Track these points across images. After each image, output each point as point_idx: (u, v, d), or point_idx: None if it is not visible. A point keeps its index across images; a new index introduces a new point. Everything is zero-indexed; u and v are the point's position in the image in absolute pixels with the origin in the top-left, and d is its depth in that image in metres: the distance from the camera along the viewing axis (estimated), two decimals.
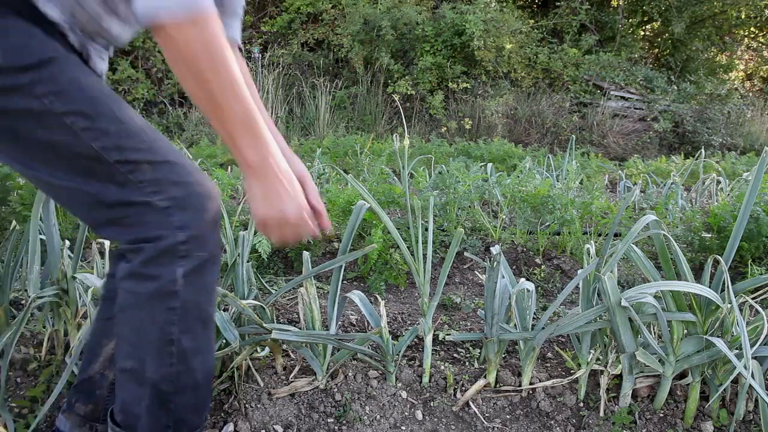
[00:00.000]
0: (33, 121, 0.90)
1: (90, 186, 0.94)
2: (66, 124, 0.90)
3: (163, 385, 1.04)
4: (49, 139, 0.91)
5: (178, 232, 0.95)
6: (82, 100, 0.92)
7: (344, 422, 1.45)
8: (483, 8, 7.97)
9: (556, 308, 1.53)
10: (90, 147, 0.92)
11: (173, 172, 0.97)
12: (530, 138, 7.74)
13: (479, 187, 3.19)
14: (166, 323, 1.01)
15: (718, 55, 11.08)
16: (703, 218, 2.78)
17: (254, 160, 0.96)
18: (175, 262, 0.97)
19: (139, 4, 0.84)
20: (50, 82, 0.90)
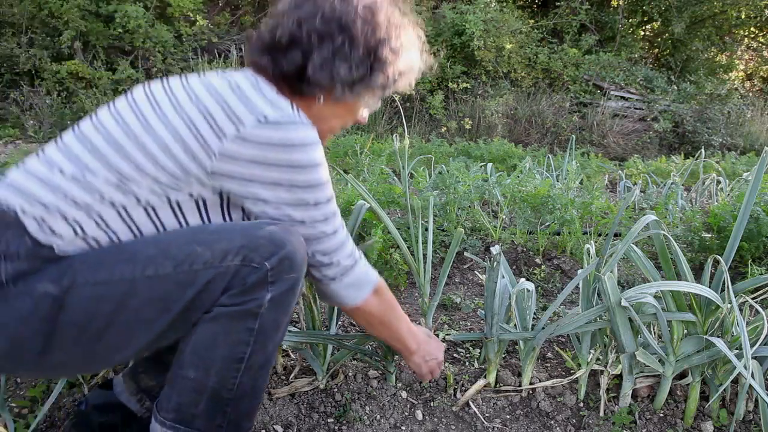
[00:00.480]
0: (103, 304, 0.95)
1: (176, 307, 0.98)
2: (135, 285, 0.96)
3: (223, 392, 1.06)
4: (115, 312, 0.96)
5: (265, 263, 0.99)
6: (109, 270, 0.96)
7: (344, 422, 1.45)
8: (483, 8, 7.97)
9: (556, 308, 1.53)
10: (148, 283, 0.96)
11: (221, 236, 1.00)
12: (530, 138, 7.73)
13: (479, 187, 3.19)
14: (241, 343, 1.03)
15: (718, 55, 11.09)
16: (703, 218, 2.78)
17: (414, 347, 1.35)
18: (263, 288, 1.01)
19: (349, 298, 1.16)
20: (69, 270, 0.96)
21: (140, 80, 7.60)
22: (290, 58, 1.06)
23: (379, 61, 1.10)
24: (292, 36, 1.05)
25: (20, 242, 0.93)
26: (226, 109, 0.98)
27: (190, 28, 8.26)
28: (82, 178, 0.97)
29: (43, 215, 0.95)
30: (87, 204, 0.97)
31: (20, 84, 7.27)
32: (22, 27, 7.51)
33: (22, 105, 7.08)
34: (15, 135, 6.74)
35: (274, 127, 0.98)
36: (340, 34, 1.05)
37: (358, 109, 1.20)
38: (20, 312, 0.91)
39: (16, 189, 0.97)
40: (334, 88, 1.08)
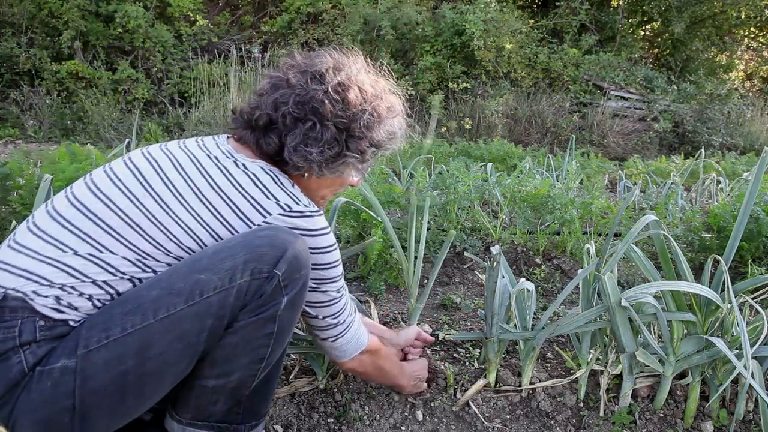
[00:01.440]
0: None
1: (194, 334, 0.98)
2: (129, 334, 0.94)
3: (242, 389, 1.09)
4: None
5: (275, 270, 1.01)
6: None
7: (344, 422, 1.45)
8: (483, 8, 7.97)
9: (556, 308, 1.53)
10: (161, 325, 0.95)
11: (222, 257, 1.00)
12: (530, 138, 7.73)
13: (479, 187, 3.19)
14: (261, 347, 1.06)
15: (718, 55, 11.08)
16: (703, 218, 2.78)
17: (405, 382, 1.50)
18: (279, 294, 1.03)
19: (346, 352, 1.26)
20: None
21: (140, 80, 7.60)
22: (269, 140, 1.12)
23: (353, 138, 1.14)
24: (269, 118, 1.12)
25: (33, 327, 0.92)
26: (251, 202, 1.06)
27: (190, 28, 8.27)
28: (99, 255, 0.99)
29: (59, 295, 0.95)
30: (105, 281, 0.98)
31: (20, 84, 7.27)
32: (22, 27, 7.51)
33: (22, 105, 7.08)
34: (15, 135, 6.74)
35: (298, 216, 1.08)
36: (312, 116, 1.10)
37: (345, 180, 1.25)
38: (43, 395, 0.90)
39: (22, 272, 0.96)
40: (311, 168, 1.13)
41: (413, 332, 1.63)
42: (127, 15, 7.42)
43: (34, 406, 0.89)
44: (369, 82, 1.18)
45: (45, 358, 0.91)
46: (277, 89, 1.13)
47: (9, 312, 0.92)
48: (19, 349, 0.91)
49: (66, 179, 2.26)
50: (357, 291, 2.32)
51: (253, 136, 1.14)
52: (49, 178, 1.52)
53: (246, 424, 1.16)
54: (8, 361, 0.90)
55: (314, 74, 1.13)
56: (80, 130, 6.87)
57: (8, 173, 2.27)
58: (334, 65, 1.15)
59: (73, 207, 1.03)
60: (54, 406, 0.90)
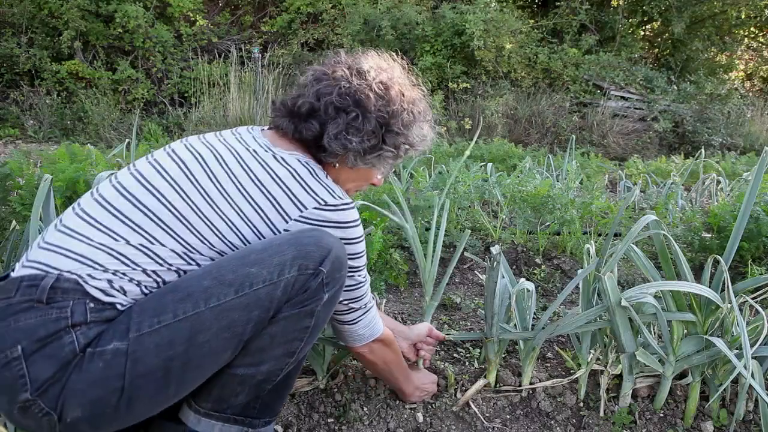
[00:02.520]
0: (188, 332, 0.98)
1: (249, 319, 1.02)
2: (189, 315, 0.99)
3: (266, 383, 1.12)
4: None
5: (320, 267, 1.06)
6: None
7: (344, 422, 1.45)
8: (483, 8, 7.96)
9: (556, 308, 1.53)
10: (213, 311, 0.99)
11: (271, 252, 1.04)
12: (530, 138, 7.73)
13: (479, 187, 3.19)
14: (296, 340, 1.09)
15: (718, 55, 11.07)
16: (703, 218, 2.78)
17: (410, 390, 1.50)
18: (321, 290, 1.08)
19: (365, 337, 1.29)
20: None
21: (140, 80, 7.60)
22: (308, 126, 1.17)
23: (391, 133, 1.20)
24: (312, 107, 1.17)
25: (84, 309, 0.96)
26: (290, 196, 1.10)
27: (190, 28, 8.26)
28: (150, 246, 1.03)
29: (112, 279, 1.00)
30: (153, 270, 1.03)
31: (20, 84, 7.27)
32: (22, 27, 7.51)
33: (22, 105, 7.08)
34: (15, 135, 6.74)
35: (332, 210, 1.12)
36: (355, 108, 1.15)
37: (372, 175, 1.30)
38: (94, 375, 0.93)
39: (78, 257, 1.00)
40: (347, 156, 1.19)
41: (425, 328, 1.64)
42: (127, 15, 7.42)
43: (85, 385, 0.92)
44: (408, 86, 1.26)
45: (95, 339, 0.95)
46: (320, 81, 1.18)
47: (61, 293, 0.96)
48: (71, 329, 0.94)
49: (66, 179, 2.26)
50: None
51: (293, 123, 1.18)
52: (49, 178, 1.52)
53: (260, 420, 1.18)
54: (60, 341, 0.93)
55: (359, 70, 1.19)
56: (80, 130, 6.87)
57: (8, 173, 2.27)
58: (377, 65, 1.23)
59: (122, 197, 1.07)
60: (104, 387, 0.93)
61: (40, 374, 0.91)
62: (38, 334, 0.92)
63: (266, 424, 1.20)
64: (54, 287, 0.96)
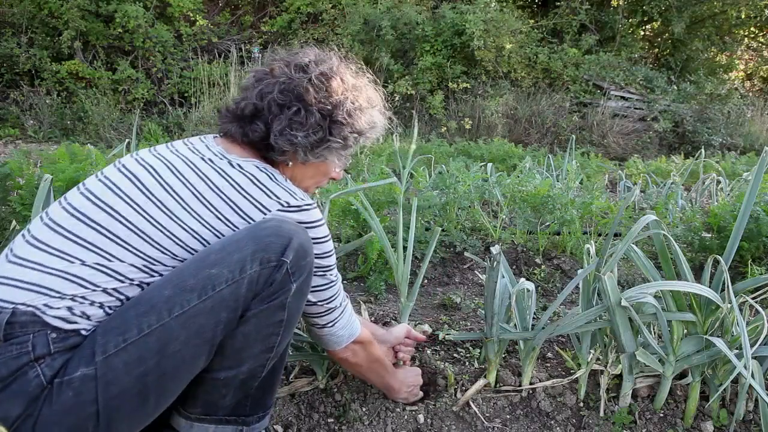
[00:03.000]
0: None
1: (217, 318, 1.01)
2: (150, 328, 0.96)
3: (251, 380, 1.12)
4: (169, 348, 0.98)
5: (282, 257, 1.04)
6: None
7: (344, 422, 1.45)
8: (483, 8, 7.96)
9: (556, 308, 1.53)
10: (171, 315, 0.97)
11: (230, 250, 1.03)
12: (530, 138, 7.73)
13: (479, 187, 3.19)
14: (272, 335, 1.08)
15: (718, 55, 11.07)
16: (703, 218, 2.78)
17: (395, 385, 1.49)
18: (288, 281, 1.05)
19: (343, 338, 1.28)
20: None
21: (140, 80, 7.60)
22: (254, 128, 1.16)
23: (336, 123, 1.19)
24: (255, 107, 1.16)
25: (46, 340, 0.93)
26: (251, 201, 1.09)
27: (190, 28, 8.27)
28: (107, 264, 1.00)
29: (71, 305, 0.96)
30: (114, 288, 1.00)
31: (20, 84, 7.28)
32: (22, 27, 7.51)
33: (22, 105, 7.08)
34: (15, 135, 6.74)
35: (295, 211, 1.12)
36: (296, 102, 1.14)
37: (328, 168, 1.29)
38: (65, 405, 0.90)
39: (31, 286, 0.96)
40: (296, 152, 1.18)
41: (403, 330, 1.64)
42: (127, 15, 7.42)
43: (58, 417, 0.90)
44: (350, 74, 1.24)
45: (62, 369, 0.92)
46: (261, 81, 1.18)
47: (19, 327, 0.92)
48: (34, 364, 0.91)
49: (66, 179, 2.26)
50: (357, 291, 2.32)
51: (240, 126, 1.18)
52: (49, 178, 1.52)
53: (254, 416, 1.19)
54: (26, 376, 0.90)
55: (298, 65, 1.18)
56: (80, 130, 6.87)
57: (8, 173, 2.27)
58: (316, 58, 1.21)
59: (73, 217, 1.03)
60: (78, 415, 0.91)
61: (10, 413, 0.89)
62: (0, 374, 0.89)
63: (260, 419, 1.20)
64: (10, 322, 0.92)
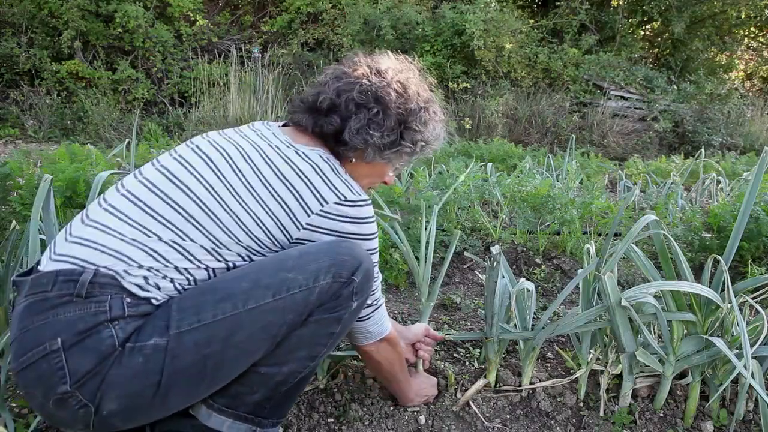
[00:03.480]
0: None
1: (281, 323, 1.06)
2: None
3: (284, 385, 1.15)
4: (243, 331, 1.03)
5: (353, 276, 1.10)
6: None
7: (344, 422, 1.45)
8: (483, 8, 7.96)
9: (556, 308, 1.53)
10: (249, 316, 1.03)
11: (308, 259, 1.08)
12: (530, 138, 7.73)
13: (479, 187, 3.19)
14: (320, 345, 1.13)
15: (718, 55, 11.07)
16: (703, 218, 2.78)
17: (410, 395, 1.50)
18: (351, 298, 1.12)
19: (374, 334, 1.30)
20: None
21: (140, 80, 7.59)
22: (329, 121, 1.20)
23: (409, 129, 1.23)
24: (332, 102, 1.20)
25: (122, 304, 0.98)
26: (312, 190, 1.12)
27: (190, 28, 8.26)
28: (181, 243, 1.05)
29: (147, 275, 1.02)
30: (185, 268, 1.05)
31: (20, 84, 7.27)
32: (22, 27, 7.51)
33: (22, 105, 7.08)
34: (15, 135, 6.74)
35: (351, 205, 1.15)
36: (375, 105, 1.18)
37: (385, 171, 1.33)
38: (134, 370, 0.95)
39: (113, 252, 1.02)
40: (366, 151, 1.21)
41: (422, 328, 1.66)
42: (127, 15, 7.41)
43: (124, 379, 0.95)
44: (425, 87, 1.30)
45: (134, 334, 0.97)
46: (340, 79, 1.22)
47: (99, 288, 0.98)
48: (109, 324, 0.96)
49: (66, 179, 2.26)
50: None
51: (312, 118, 1.21)
52: (49, 178, 1.52)
53: (269, 420, 1.20)
54: (100, 334, 0.95)
55: (377, 69, 1.23)
56: (80, 130, 6.87)
57: (8, 173, 2.28)
58: (394, 66, 1.27)
59: (151, 192, 1.08)
60: (143, 381, 0.96)
61: (80, 367, 0.93)
62: (77, 328, 0.94)
63: (274, 425, 1.21)
64: (92, 282, 0.97)
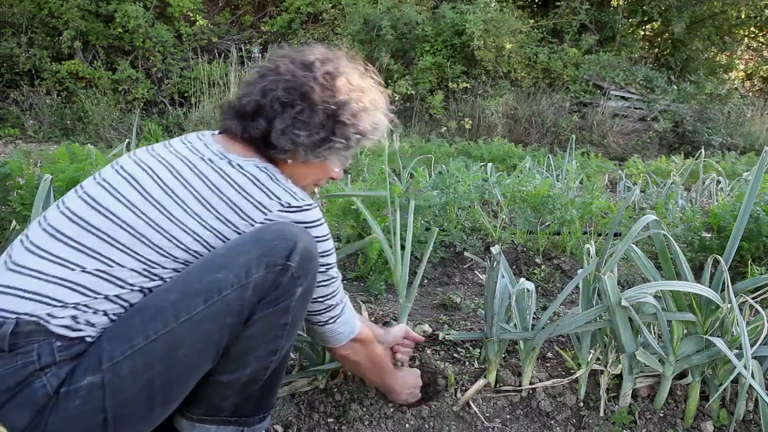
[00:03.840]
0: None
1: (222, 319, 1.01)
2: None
3: (253, 383, 1.12)
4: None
5: (288, 261, 1.04)
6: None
7: (344, 422, 1.45)
8: (483, 8, 7.96)
9: (556, 308, 1.53)
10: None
11: (235, 254, 1.03)
12: (530, 138, 7.73)
13: (479, 186, 3.19)
14: (276, 338, 1.08)
15: (718, 55, 11.07)
16: (703, 218, 2.78)
17: (396, 387, 1.49)
18: (293, 285, 1.06)
19: (344, 335, 1.27)
20: None
21: (140, 80, 7.60)
22: (256, 125, 1.13)
23: (339, 124, 1.15)
24: (257, 104, 1.13)
25: (51, 349, 0.92)
26: (252, 202, 1.07)
27: (190, 28, 8.26)
28: (108, 270, 0.98)
29: (75, 314, 0.95)
30: (116, 295, 0.99)
31: (20, 84, 7.27)
32: (22, 27, 7.50)
33: (22, 105, 7.08)
34: (15, 135, 6.74)
35: (296, 211, 1.10)
36: (301, 102, 1.11)
37: (328, 168, 1.25)
38: (73, 413, 0.90)
39: (32, 296, 0.94)
40: (297, 152, 1.14)
41: (401, 330, 1.63)
42: (127, 15, 7.41)
43: (66, 425, 0.90)
44: (356, 75, 1.22)
45: (68, 377, 0.91)
46: (265, 77, 1.15)
47: (24, 337, 0.91)
48: (40, 373, 0.90)
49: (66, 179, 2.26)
50: (357, 291, 2.32)
51: (241, 124, 1.15)
52: (49, 178, 1.52)
53: (255, 417, 1.18)
54: (31, 386, 0.90)
55: (303, 63, 1.15)
56: (80, 130, 6.87)
57: (8, 173, 2.27)
58: (322, 56, 1.18)
59: (73, 223, 1.01)
60: (86, 423, 0.91)
61: (17, 423, 0.88)
62: (6, 384, 0.89)
63: (261, 420, 1.20)
64: (15, 333, 0.91)
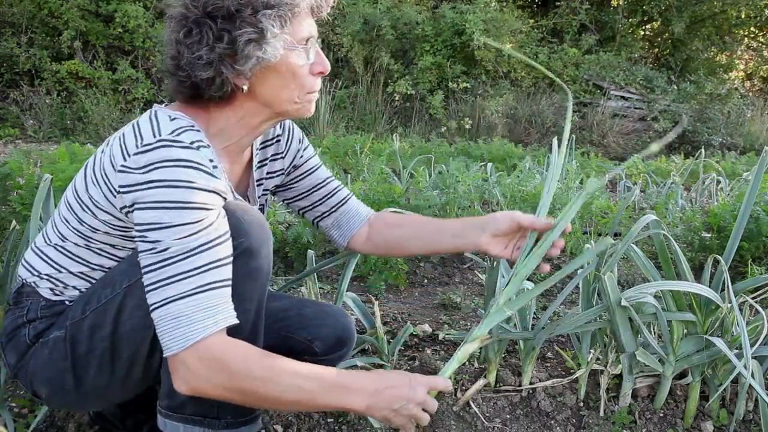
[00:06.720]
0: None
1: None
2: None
3: None
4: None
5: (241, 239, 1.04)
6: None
7: (344, 422, 1.45)
8: (483, 8, 7.97)
9: (556, 308, 1.53)
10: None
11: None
12: (530, 138, 7.74)
13: (479, 186, 3.19)
14: None
15: (718, 55, 11.07)
16: (703, 218, 2.78)
17: (362, 405, 0.96)
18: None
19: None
20: None
21: (140, 80, 7.60)
22: (179, 77, 1.03)
23: (229, 18, 0.98)
24: (171, 57, 1.03)
25: (37, 307, 1.11)
26: (121, 146, 0.99)
27: None
28: (63, 245, 1.10)
29: (51, 286, 1.11)
30: (80, 272, 1.10)
31: (20, 84, 7.27)
32: (22, 27, 7.50)
33: (22, 105, 7.08)
34: (15, 135, 6.74)
35: (144, 150, 0.94)
36: (185, 25, 1.00)
37: (290, 68, 1.06)
38: (43, 360, 1.08)
39: (26, 265, 1.14)
40: (222, 74, 0.99)
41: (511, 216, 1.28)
42: (127, 15, 7.41)
43: (40, 369, 1.09)
44: None
45: (45, 331, 1.10)
46: (168, 28, 1.05)
47: (24, 296, 1.13)
48: (27, 325, 1.11)
49: (66, 179, 2.26)
50: (357, 291, 2.32)
51: (172, 81, 1.06)
52: (49, 178, 1.52)
53: (221, 420, 1.06)
54: (19, 334, 1.12)
55: None
56: (80, 130, 6.87)
57: (8, 173, 2.28)
58: None
59: (60, 201, 1.15)
60: (54, 368, 1.08)
61: (10, 360, 1.12)
62: (7, 329, 1.13)
63: (227, 426, 1.07)
64: (19, 291, 1.13)
